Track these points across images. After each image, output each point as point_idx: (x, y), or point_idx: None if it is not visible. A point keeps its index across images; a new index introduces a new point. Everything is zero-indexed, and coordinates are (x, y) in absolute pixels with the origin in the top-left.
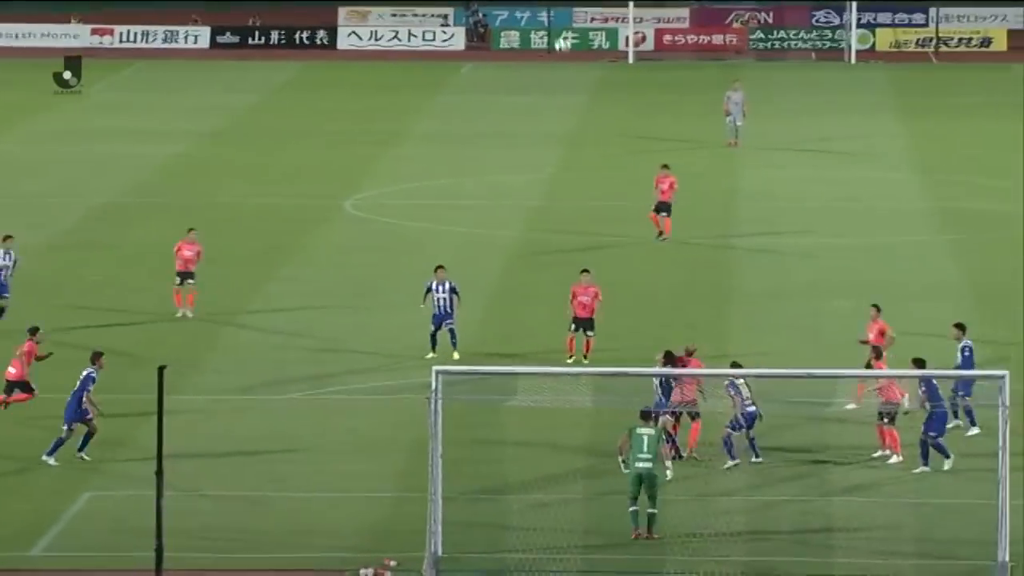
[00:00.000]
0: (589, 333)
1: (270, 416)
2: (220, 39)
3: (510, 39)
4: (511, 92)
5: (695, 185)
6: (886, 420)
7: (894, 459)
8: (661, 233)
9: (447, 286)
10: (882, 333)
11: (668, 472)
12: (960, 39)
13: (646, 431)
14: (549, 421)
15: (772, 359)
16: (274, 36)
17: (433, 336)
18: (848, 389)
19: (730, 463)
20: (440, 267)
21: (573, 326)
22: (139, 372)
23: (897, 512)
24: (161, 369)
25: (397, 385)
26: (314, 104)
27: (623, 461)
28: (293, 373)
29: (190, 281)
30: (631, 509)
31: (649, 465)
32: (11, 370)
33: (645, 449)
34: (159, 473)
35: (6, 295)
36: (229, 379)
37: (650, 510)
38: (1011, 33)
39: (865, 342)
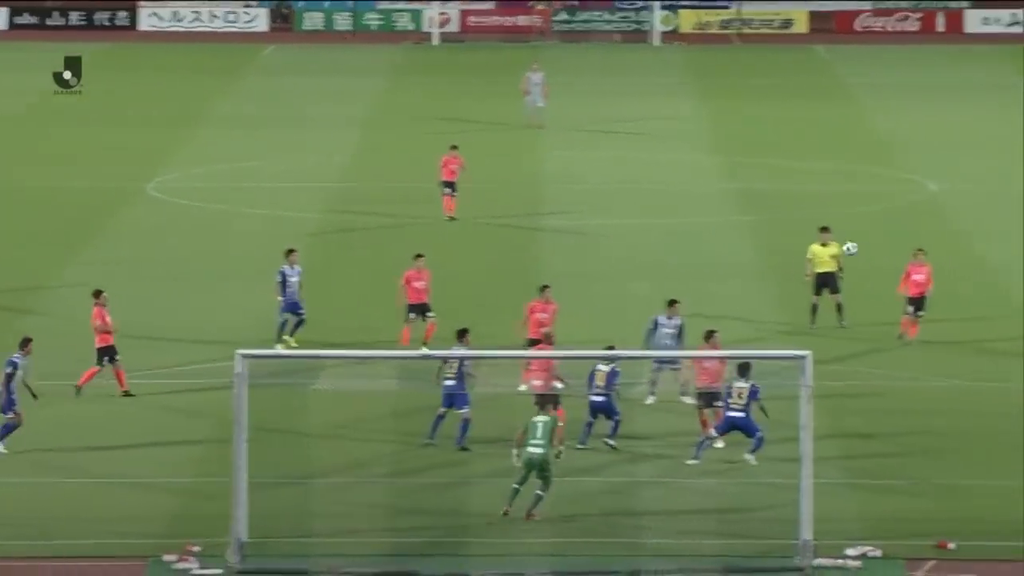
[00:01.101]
0: (430, 315)
1: (70, 402)
2: (18, 20)
3: (313, 20)
4: (314, 74)
5: (498, 167)
6: (703, 403)
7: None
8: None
9: (298, 270)
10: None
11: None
12: (762, 21)
13: (541, 418)
14: (355, 405)
15: (579, 340)
16: (73, 16)
17: (284, 324)
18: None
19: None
20: (292, 250)
21: (411, 314)
22: None
23: (702, 492)
24: None
25: (201, 369)
26: (114, 86)
27: (516, 454)
28: (92, 358)
29: None
30: (513, 486)
31: (540, 450)
32: None
33: (539, 435)
34: None
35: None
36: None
37: (538, 491)
38: (812, 15)
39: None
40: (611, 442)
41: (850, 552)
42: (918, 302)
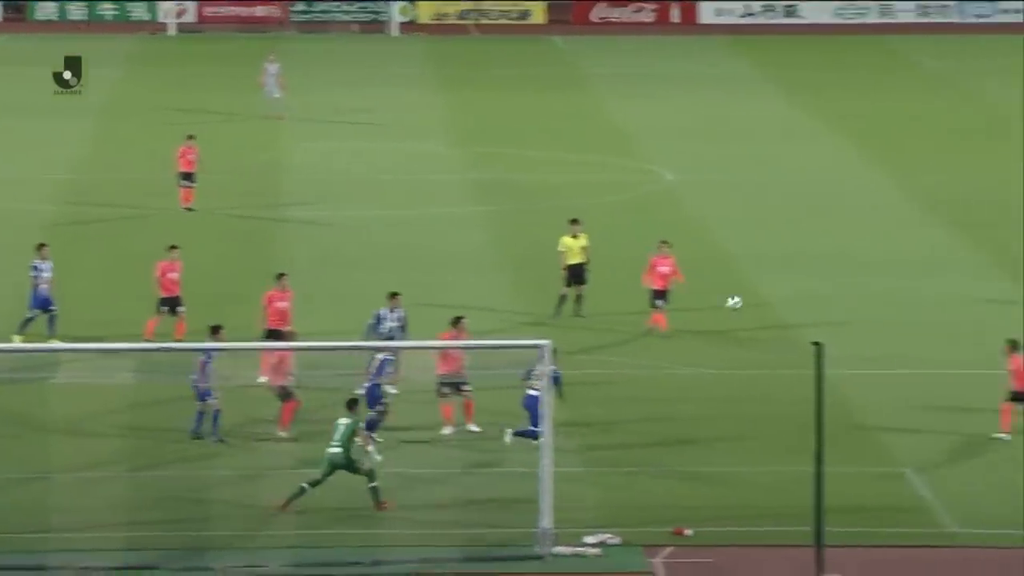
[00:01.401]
0: (180, 309)
1: None
2: None
3: (47, 10)
4: (46, 64)
5: (237, 158)
6: (447, 391)
7: (474, 428)
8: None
9: (50, 265)
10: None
11: (376, 456)
12: (500, 12)
13: (343, 420)
14: (95, 399)
15: (322, 331)
16: None
17: (31, 319)
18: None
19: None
20: (43, 245)
21: (163, 307)
22: None
23: (443, 482)
24: None
25: None
26: None
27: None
28: None
29: None
30: (301, 484)
31: (339, 450)
32: None
33: (337, 437)
34: None
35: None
36: None
37: (369, 486)
38: (549, 6)
39: None
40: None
41: (589, 539)
42: (663, 294)
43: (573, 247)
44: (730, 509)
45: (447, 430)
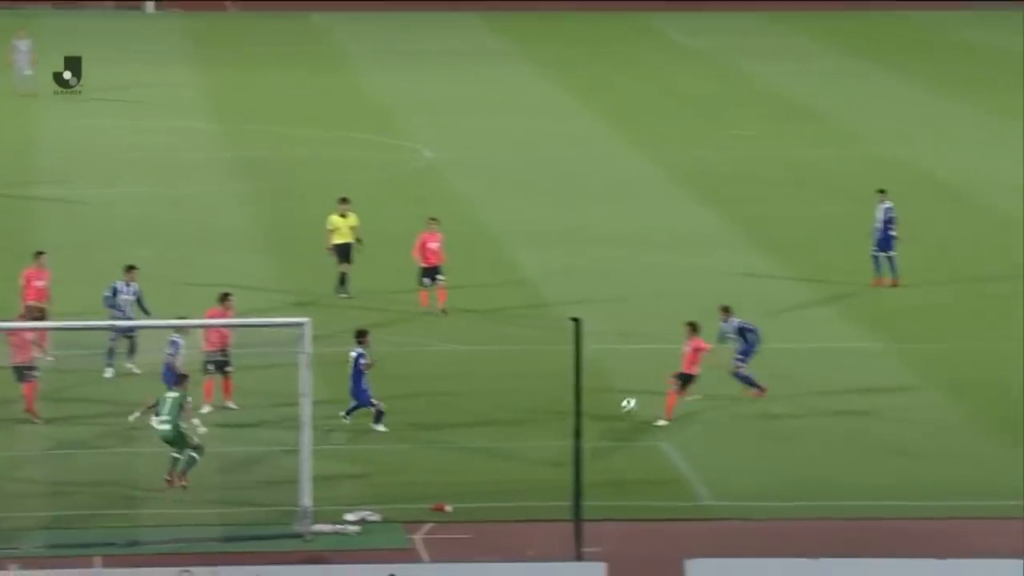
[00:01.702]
0: None
1: None
2: None
3: None
4: None
5: None
6: (212, 368)
7: (232, 406)
8: None
9: None
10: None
11: (201, 428)
12: None
13: (170, 395)
14: None
15: (78, 310)
16: None
17: None
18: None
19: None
20: None
21: None
22: None
23: (205, 460)
24: None
25: None
26: None
27: (139, 416)
28: None
29: None
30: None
31: (167, 427)
32: None
33: (164, 411)
34: None
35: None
36: None
37: (189, 455)
38: None
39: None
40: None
41: (349, 517)
42: (433, 271)
43: (341, 226)
44: (491, 485)
45: (206, 409)
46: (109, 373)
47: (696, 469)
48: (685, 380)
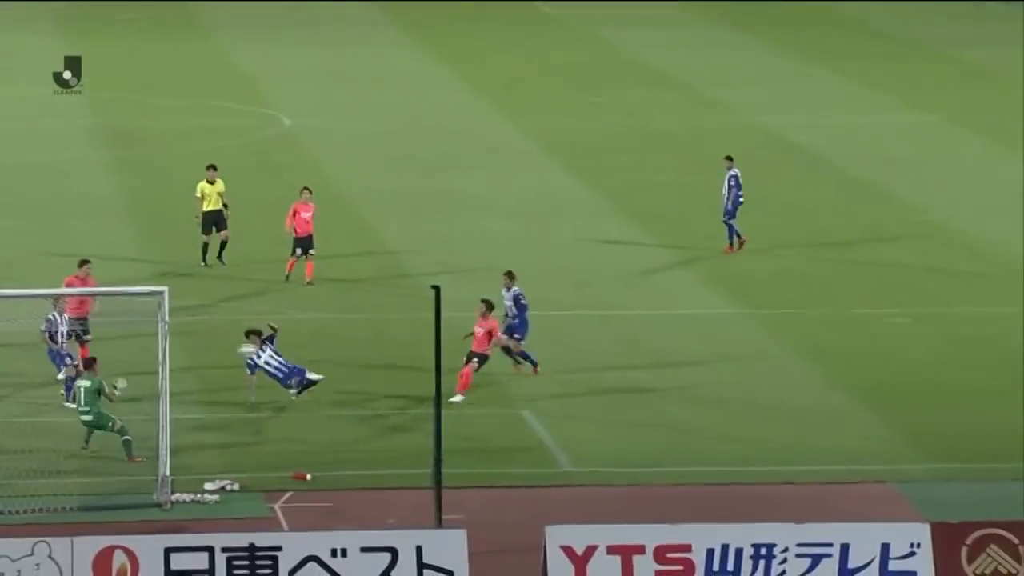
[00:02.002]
0: None
1: None
2: None
3: None
4: None
5: None
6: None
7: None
8: None
9: None
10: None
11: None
12: None
13: (83, 383)
14: None
15: None
16: None
17: None
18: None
19: None
20: None
21: None
22: None
23: (63, 431)
24: None
25: None
26: None
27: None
28: None
29: None
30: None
31: (88, 417)
32: None
33: (82, 403)
34: None
35: None
36: None
37: (122, 439)
38: None
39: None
40: None
41: (208, 486)
42: (306, 241)
43: (211, 193)
44: (351, 452)
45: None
46: None
47: (556, 436)
48: (481, 360)
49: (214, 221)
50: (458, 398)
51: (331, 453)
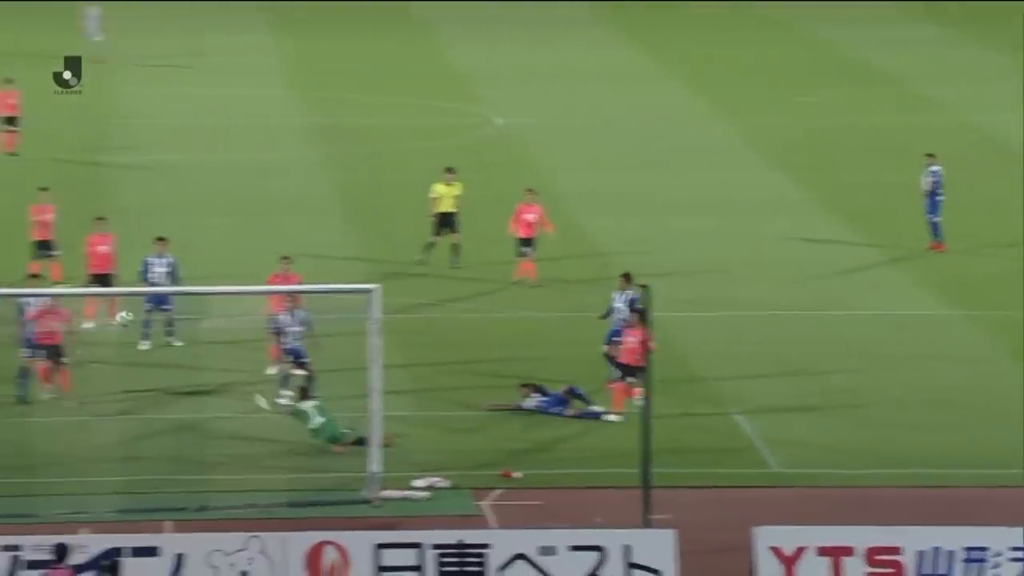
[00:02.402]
0: (54, 253)
1: None
2: None
3: None
4: None
5: (59, 102)
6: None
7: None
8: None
9: None
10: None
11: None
12: None
13: (308, 404)
14: None
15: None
16: None
17: None
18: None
19: None
20: None
21: (41, 250)
22: None
23: (272, 426)
24: None
25: None
26: None
27: None
28: None
29: None
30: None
31: (322, 423)
32: None
33: (317, 418)
34: None
35: None
36: None
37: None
38: None
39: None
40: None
41: (417, 483)
42: (530, 242)
43: (446, 195)
44: (560, 451)
45: (272, 370)
46: (145, 345)
47: (766, 438)
48: (629, 371)
49: (446, 223)
50: (615, 417)
51: (540, 451)
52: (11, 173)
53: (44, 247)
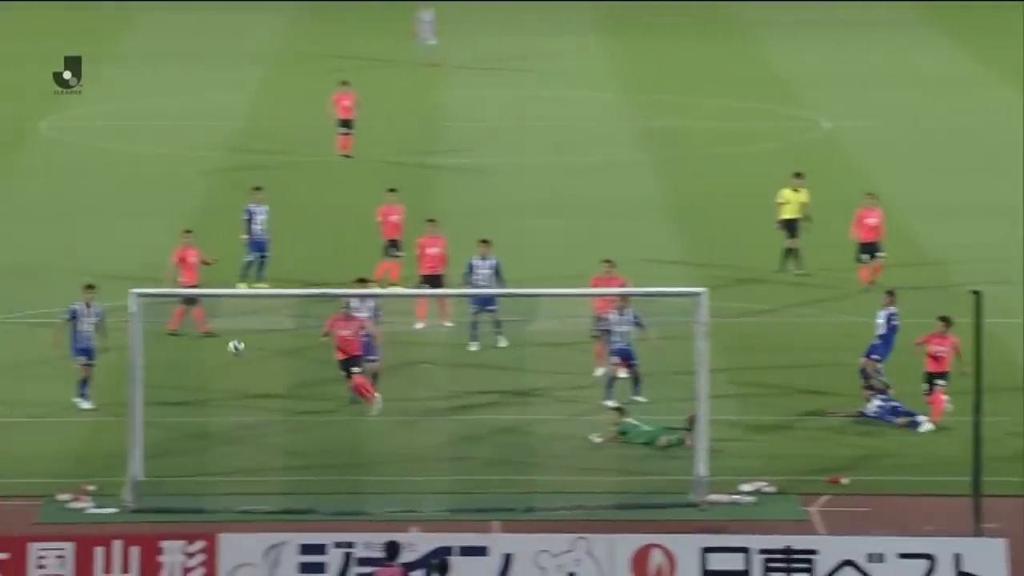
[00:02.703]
0: (397, 253)
1: None
2: None
3: None
4: (213, 10)
5: (393, 104)
6: (599, 333)
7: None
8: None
9: (265, 208)
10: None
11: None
12: None
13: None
14: (250, 343)
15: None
16: None
17: (250, 263)
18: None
19: None
20: (258, 188)
21: (392, 249)
22: None
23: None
24: None
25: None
26: (5, 22)
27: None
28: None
29: None
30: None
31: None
32: None
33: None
34: None
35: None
36: None
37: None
38: None
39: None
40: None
41: (745, 488)
42: (872, 246)
43: (792, 201)
44: (888, 458)
45: (600, 371)
46: (474, 347)
47: None
48: (936, 378)
49: (790, 229)
50: (929, 427)
51: (868, 457)
52: (346, 175)
53: (393, 246)
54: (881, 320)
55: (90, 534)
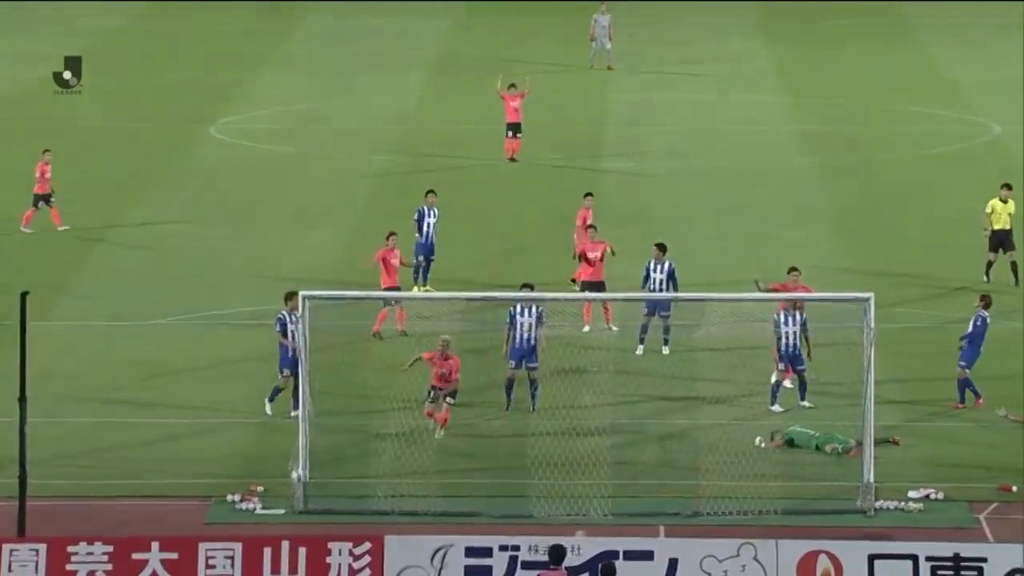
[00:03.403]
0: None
1: (138, 342)
2: None
3: None
4: (378, 15)
5: (564, 108)
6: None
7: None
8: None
9: (436, 212)
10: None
11: None
12: None
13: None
14: (415, 346)
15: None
16: None
17: (419, 266)
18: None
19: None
20: (431, 191)
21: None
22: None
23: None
24: (24, 295)
25: (266, 310)
26: (176, 28)
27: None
28: (161, 298)
29: (43, 203)
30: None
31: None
32: None
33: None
34: (22, 400)
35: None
36: (96, 304)
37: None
38: None
39: None
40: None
41: (912, 494)
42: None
43: (1001, 212)
44: None
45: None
46: (639, 351)
47: None
48: None
49: (1001, 240)
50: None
51: None
52: (513, 179)
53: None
54: (979, 320)
55: (258, 535)
